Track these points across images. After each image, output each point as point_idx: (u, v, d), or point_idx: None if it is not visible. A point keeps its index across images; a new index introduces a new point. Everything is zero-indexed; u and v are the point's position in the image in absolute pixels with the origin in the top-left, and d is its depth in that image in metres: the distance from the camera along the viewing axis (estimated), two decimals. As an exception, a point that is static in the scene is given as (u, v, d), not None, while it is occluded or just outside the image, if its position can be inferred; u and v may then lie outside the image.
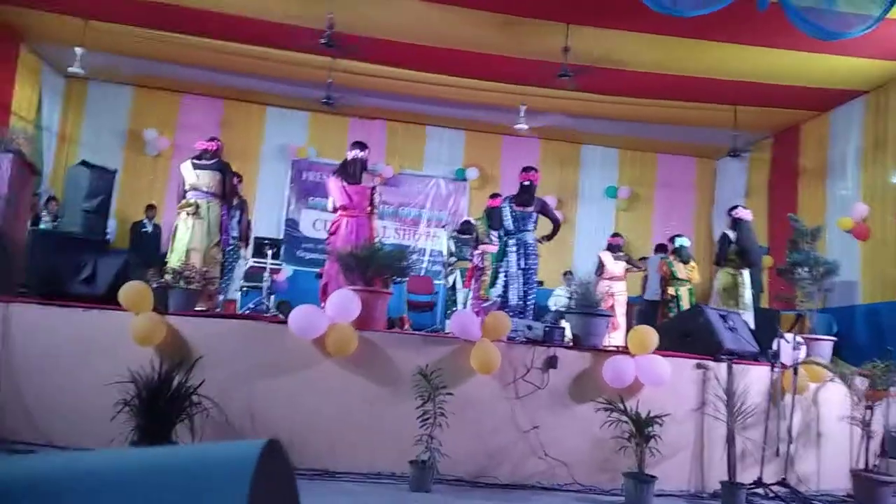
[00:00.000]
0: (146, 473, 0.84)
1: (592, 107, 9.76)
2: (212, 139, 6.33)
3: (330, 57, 8.71)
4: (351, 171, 6.10)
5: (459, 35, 7.89)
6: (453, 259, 9.01)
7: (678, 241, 8.27)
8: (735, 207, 7.51)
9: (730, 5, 5.79)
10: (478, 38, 7.93)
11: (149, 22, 8.30)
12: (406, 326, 7.65)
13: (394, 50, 8.44)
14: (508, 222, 6.50)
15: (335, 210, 6.24)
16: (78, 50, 8.35)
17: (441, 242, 11.05)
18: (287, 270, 10.15)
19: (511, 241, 6.50)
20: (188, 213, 6.01)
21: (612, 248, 8.97)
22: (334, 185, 6.16)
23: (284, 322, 4.43)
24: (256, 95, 10.96)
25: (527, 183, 6.58)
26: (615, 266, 8.76)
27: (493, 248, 7.21)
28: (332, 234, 6.17)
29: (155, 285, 4.71)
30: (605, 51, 7.91)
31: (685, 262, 8.10)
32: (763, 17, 5.97)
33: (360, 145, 6.22)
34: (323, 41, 7.25)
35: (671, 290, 7.98)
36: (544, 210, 6.67)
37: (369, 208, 6.13)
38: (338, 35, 7.33)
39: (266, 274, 7.88)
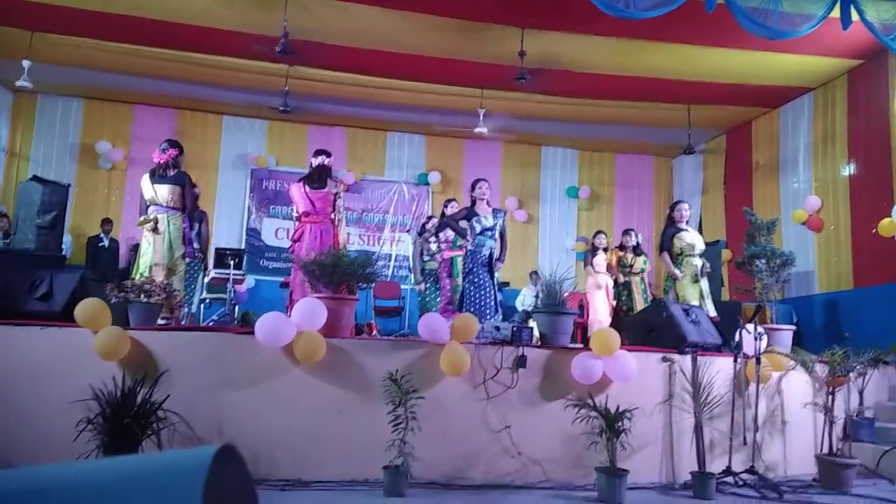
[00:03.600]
0: (90, 485, 0.80)
1: (551, 109, 9.87)
2: (166, 148, 6.05)
3: (286, 64, 8.64)
4: (315, 177, 6.08)
5: (417, 40, 7.89)
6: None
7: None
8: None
9: (680, 7, 5.93)
10: (435, 44, 7.95)
11: (98, 33, 8.11)
12: (374, 332, 7.60)
13: (351, 56, 8.40)
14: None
15: (298, 217, 6.20)
16: (25, 63, 8.11)
17: (406, 247, 11.00)
18: (248, 281, 10.01)
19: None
20: (148, 230, 5.87)
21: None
22: (297, 191, 6.12)
23: (251, 332, 4.36)
24: (212, 105, 10.80)
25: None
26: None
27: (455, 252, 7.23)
28: (295, 241, 6.11)
29: (114, 300, 4.58)
30: (562, 54, 8.01)
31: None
32: (712, 19, 6.12)
33: (325, 153, 6.25)
34: (278, 49, 7.18)
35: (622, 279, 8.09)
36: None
37: (333, 214, 6.09)
38: (293, 42, 7.27)
39: (229, 285, 7.76)
